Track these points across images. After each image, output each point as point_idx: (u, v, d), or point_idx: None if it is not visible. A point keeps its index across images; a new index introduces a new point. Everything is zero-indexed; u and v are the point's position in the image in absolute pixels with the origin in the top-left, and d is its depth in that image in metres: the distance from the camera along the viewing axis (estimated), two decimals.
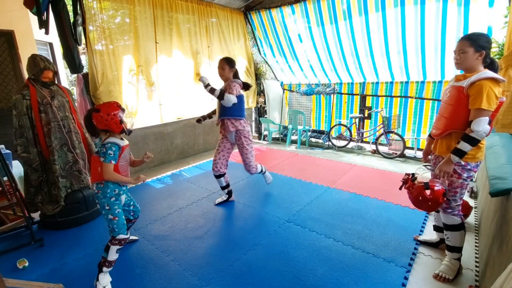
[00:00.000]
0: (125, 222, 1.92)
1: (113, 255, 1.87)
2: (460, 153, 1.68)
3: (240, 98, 2.81)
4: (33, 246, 2.34)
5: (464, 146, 1.66)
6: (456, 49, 1.73)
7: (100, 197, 1.85)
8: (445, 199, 1.82)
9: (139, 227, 2.64)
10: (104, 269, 1.87)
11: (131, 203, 2.14)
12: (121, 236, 1.86)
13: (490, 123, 1.63)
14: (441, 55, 3.84)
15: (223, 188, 3.13)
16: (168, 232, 2.56)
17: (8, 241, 2.44)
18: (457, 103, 1.72)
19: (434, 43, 3.78)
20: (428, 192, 1.81)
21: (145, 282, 1.95)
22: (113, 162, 1.80)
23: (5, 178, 2.36)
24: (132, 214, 2.17)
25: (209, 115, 3.24)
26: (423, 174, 1.99)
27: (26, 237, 2.44)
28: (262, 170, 3.25)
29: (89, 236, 2.53)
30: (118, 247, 1.87)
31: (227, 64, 2.82)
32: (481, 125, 1.59)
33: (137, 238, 2.46)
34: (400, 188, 2.00)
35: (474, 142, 1.63)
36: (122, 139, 1.92)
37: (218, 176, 3.01)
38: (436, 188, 1.79)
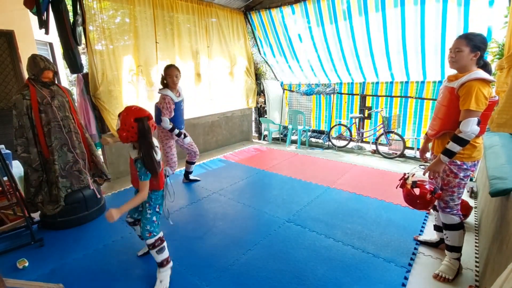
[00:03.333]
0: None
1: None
2: (450, 153, 1.70)
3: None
4: (33, 246, 2.34)
5: (453, 146, 1.67)
6: (452, 47, 1.73)
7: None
8: (434, 197, 1.84)
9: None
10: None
11: None
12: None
13: (480, 123, 1.63)
14: (441, 55, 3.84)
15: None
16: (168, 232, 2.56)
17: (8, 241, 2.44)
18: (449, 104, 1.73)
19: (434, 43, 3.78)
20: (416, 190, 1.89)
21: (145, 282, 1.94)
22: None
23: (5, 178, 2.36)
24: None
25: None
26: (417, 173, 2.03)
27: (26, 237, 2.43)
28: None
29: (89, 236, 2.53)
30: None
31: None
32: (469, 126, 1.60)
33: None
34: (397, 187, 2.06)
35: (463, 142, 1.64)
36: None
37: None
38: (424, 186, 1.86)
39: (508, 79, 2.10)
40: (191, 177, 3.74)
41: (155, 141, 1.87)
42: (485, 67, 1.71)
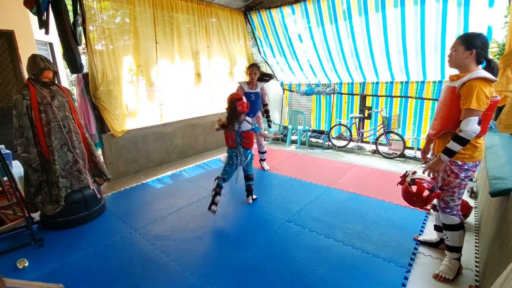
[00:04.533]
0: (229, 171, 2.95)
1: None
2: (450, 153, 1.69)
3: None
4: (33, 246, 2.35)
5: (453, 145, 1.67)
6: (451, 47, 1.77)
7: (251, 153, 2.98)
8: (432, 196, 1.85)
9: (139, 227, 2.64)
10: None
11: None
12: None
13: (480, 122, 1.63)
14: (441, 55, 3.83)
15: None
16: (168, 232, 2.56)
17: (8, 241, 2.44)
18: (451, 103, 1.73)
19: (434, 43, 3.78)
20: (414, 188, 1.91)
21: (145, 282, 1.95)
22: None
23: (5, 178, 2.36)
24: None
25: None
26: (418, 172, 2.04)
27: (26, 237, 2.43)
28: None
29: (89, 236, 2.53)
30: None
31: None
32: (469, 125, 1.60)
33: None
34: (397, 184, 2.07)
35: (463, 141, 1.64)
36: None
37: None
38: (421, 184, 1.87)
39: (502, 79, 2.10)
40: (262, 164, 4.27)
41: (249, 118, 2.84)
42: (489, 66, 1.70)
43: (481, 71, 1.62)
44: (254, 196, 3.19)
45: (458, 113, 1.68)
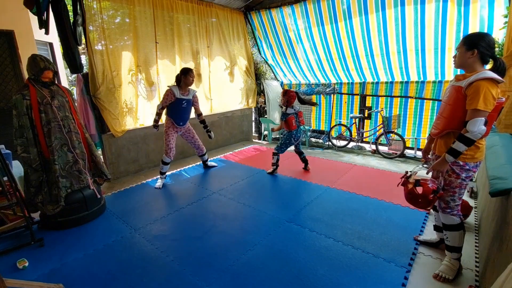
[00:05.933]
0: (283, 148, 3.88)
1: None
2: (455, 153, 1.69)
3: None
4: (33, 246, 2.35)
5: (459, 146, 1.66)
6: (456, 47, 1.79)
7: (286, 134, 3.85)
8: (436, 197, 1.84)
9: (139, 227, 2.64)
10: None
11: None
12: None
13: (486, 123, 1.62)
14: (441, 55, 3.84)
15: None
16: (168, 232, 2.56)
17: (8, 241, 2.44)
18: (455, 103, 1.72)
19: (434, 43, 3.78)
20: (419, 189, 1.87)
21: (145, 282, 1.95)
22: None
23: (5, 178, 2.36)
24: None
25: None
26: (419, 172, 2.03)
27: (26, 237, 2.44)
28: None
29: (89, 236, 2.53)
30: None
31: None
32: (476, 126, 1.59)
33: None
34: (398, 185, 2.05)
35: (469, 142, 1.63)
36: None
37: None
38: (427, 185, 1.85)
39: (506, 79, 2.10)
40: (209, 163, 4.31)
41: (296, 107, 3.77)
42: (495, 64, 1.67)
43: (488, 72, 1.61)
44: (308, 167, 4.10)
45: (462, 113, 1.68)
